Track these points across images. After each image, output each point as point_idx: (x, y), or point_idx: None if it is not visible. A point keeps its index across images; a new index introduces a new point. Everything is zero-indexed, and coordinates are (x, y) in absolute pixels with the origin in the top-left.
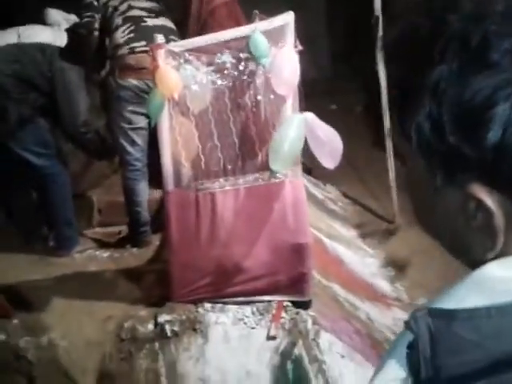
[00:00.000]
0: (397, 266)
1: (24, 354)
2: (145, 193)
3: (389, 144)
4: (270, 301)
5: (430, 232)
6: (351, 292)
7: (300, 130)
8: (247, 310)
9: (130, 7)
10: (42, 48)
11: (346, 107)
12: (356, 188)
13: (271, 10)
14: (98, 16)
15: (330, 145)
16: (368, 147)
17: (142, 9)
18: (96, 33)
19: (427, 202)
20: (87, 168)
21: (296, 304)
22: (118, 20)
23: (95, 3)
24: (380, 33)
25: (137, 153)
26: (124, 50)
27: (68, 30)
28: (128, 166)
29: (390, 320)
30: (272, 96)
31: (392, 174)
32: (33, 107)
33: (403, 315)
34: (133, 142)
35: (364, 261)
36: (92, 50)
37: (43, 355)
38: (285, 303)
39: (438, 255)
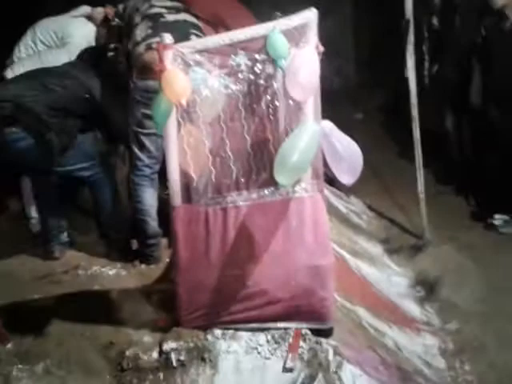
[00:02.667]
0: (427, 286)
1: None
2: (152, 201)
3: (418, 152)
4: (286, 328)
5: None
6: (377, 316)
7: (313, 139)
8: (261, 337)
9: (151, 6)
10: (70, 70)
11: (371, 116)
12: (382, 200)
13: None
14: (121, 23)
15: (348, 159)
16: (394, 157)
17: (162, 7)
18: (122, 62)
19: None
20: None
21: (315, 332)
22: (138, 19)
23: (120, 11)
24: (411, 37)
25: (146, 159)
26: (141, 48)
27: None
28: (136, 170)
29: (419, 347)
30: (291, 102)
31: (421, 185)
32: (72, 133)
33: (434, 341)
34: (142, 147)
35: (391, 280)
36: (121, 72)
37: None
38: (303, 331)
39: (473, 273)
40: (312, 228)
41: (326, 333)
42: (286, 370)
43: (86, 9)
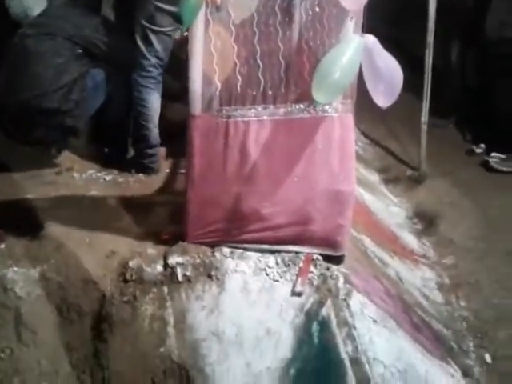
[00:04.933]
0: (423, 219)
1: (12, 286)
2: (156, 106)
3: (427, 80)
4: (297, 252)
5: None
6: (380, 246)
7: (356, 55)
8: (271, 259)
9: None
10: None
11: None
12: (376, 128)
13: None
14: None
15: (388, 79)
16: None
17: None
18: None
19: None
20: None
21: (326, 258)
22: None
23: None
24: None
25: (153, 58)
26: None
27: None
28: (141, 70)
29: (418, 280)
30: (334, 10)
31: (425, 115)
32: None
33: (431, 275)
34: (149, 45)
35: (389, 210)
36: None
37: (34, 290)
38: (314, 256)
39: (469, 209)
40: (338, 151)
41: (337, 260)
42: (294, 293)
43: None
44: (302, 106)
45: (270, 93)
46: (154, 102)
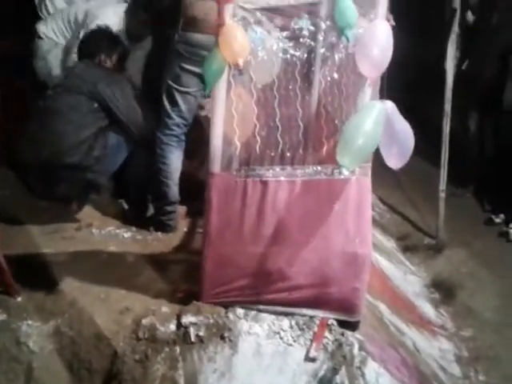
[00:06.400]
0: (441, 289)
1: (25, 340)
2: (177, 164)
3: (445, 148)
4: (312, 316)
5: None
6: (397, 314)
7: (379, 122)
8: (285, 322)
9: None
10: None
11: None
12: (394, 195)
13: None
14: None
15: (402, 143)
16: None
17: None
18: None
19: None
20: None
21: (341, 323)
22: None
23: None
24: (455, 27)
25: (177, 117)
26: None
27: None
28: (165, 129)
29: (436, 351)
30: (352, 76)
31: (443, 183)
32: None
33: (449, 347)
34: (174, 105)
35: (406, 278)
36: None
37: (46, 345)
38: (329, 321)
39: (487, 280)
40: (354, 213)
41: (353, 326)
42: (308, 359)
43: None
44: (319, 168)
45: (287, 154)
46: (175, 160)
